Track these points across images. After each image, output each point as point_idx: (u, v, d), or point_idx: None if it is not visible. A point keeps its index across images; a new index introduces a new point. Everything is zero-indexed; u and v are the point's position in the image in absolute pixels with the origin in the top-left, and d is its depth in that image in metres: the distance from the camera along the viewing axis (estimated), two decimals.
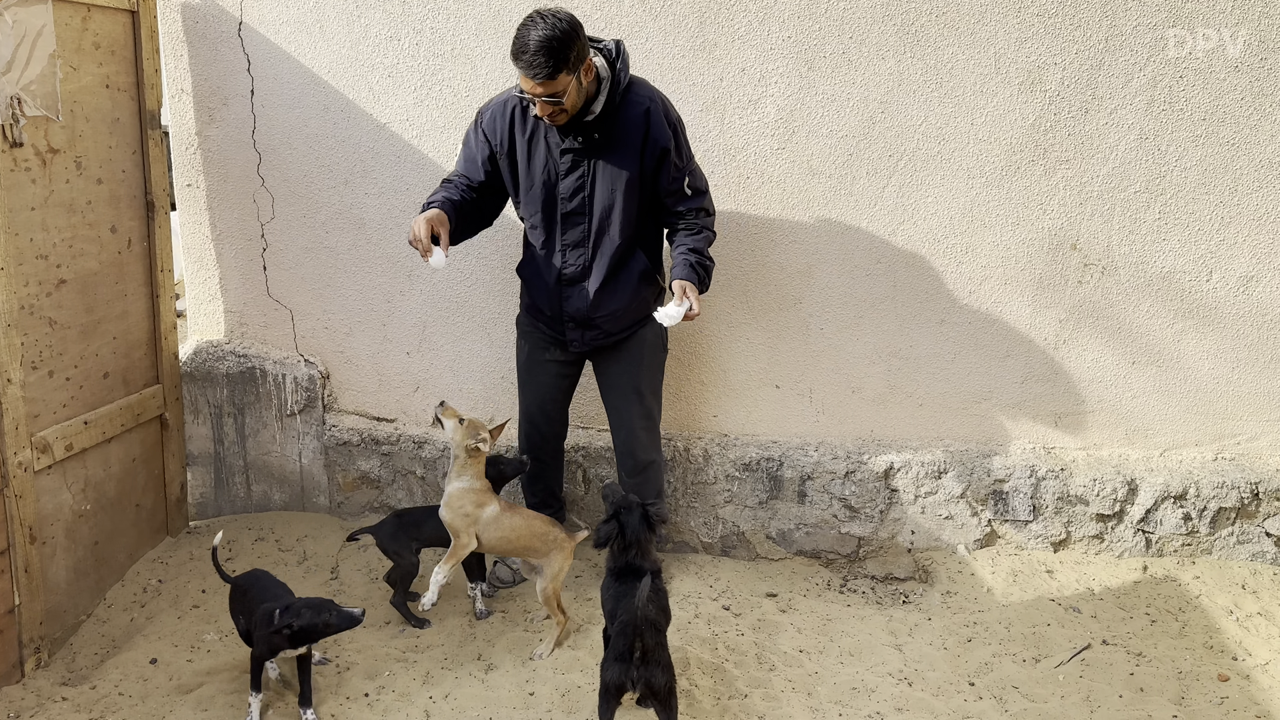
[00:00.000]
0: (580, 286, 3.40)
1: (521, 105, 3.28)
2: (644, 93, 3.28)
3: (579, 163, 3.27)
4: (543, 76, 2.98)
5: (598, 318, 3.42)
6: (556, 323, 3.49)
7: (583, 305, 3.40)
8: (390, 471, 4.12)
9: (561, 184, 3.30)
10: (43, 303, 3.20)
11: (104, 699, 3.04)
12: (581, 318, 3.43)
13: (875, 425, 4.04)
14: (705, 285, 3.32)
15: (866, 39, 3.67)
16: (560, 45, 2.96)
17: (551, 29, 2.95)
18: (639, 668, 2.51)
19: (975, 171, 3.76)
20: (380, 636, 3.41)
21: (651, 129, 3.23)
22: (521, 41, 2.97)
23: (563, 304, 3.43)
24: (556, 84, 3.01)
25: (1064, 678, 3.19)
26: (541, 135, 3.28)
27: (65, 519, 3.37)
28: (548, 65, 2.96)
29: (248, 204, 3.99)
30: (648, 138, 3.23)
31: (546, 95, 3.05)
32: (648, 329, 3.52)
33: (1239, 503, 3.81)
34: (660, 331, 3.59)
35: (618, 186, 3.28)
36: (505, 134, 3.31)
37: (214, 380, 4.07)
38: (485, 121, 3.35)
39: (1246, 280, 3.79)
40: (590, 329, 3.45)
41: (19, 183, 3.07)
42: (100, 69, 3.44)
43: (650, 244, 3.50)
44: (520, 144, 3.31)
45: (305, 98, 3.88)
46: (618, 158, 3.26)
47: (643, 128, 3.23)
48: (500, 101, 3.35)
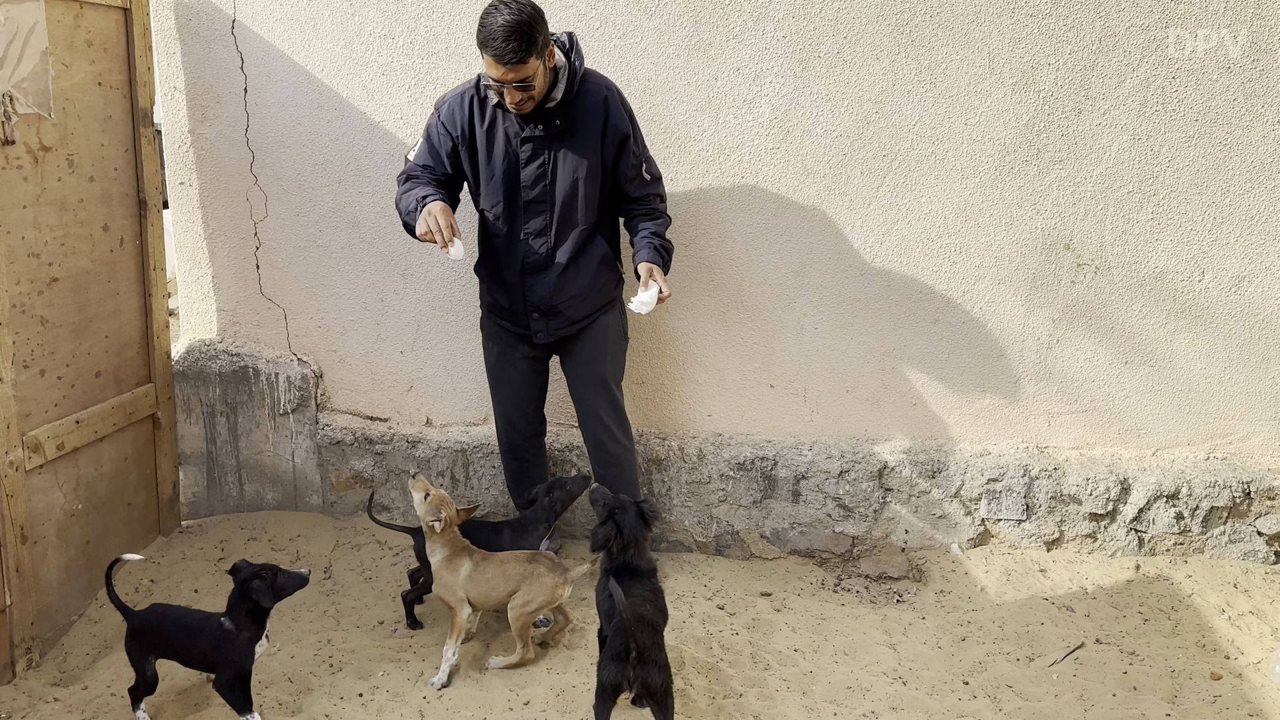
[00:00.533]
0: (543, 274, 3.41)
1: (479, 96, 3.30)
2: (599, 81, 3.34)
3: (540, 151, 3.29)
4: (513, 61, 3.00)
5: (561, 304, 3.42)
6: (519, 315, 3.48)
7: (545, 292, 3.41)
8: (384, 471, 4.10)
9: (523, 172, 3.31)
10: (34, 301, 3.19)
11: (96, 699, 3.02)
12: (545, 306, 3.43)
13: (869, 424, 4.04)
14: (667, 267, 3.40)
15: (861, 39, 3.67)
16: (528, 29, 2.99)
17: (518, 14, 2.98)
18: (635, 667, 2.51)
19: (969, 171, 3.77)
20: (373, 637, 3.40)
21: (611, 115, 3.29)
22: (489, 29, 2.99)
23: (525, 294, 3.43)
24: (526, 69, 3.04)
25: (1058, 676, 3.20)
26: (500, 125, 3.29)
27: (57, 518, 3.35)
28: (519, 50, 2.98)
29: (241, 202, 3.98)
30: (607, 124, 3.29)
31: (516, 81, 3.06)
32: (609, 315, 3.57)
33: (1231, 502, 3.83)
34: (622, 320, 3.65)
35: (579, 173, 3.31)
36: (465, 125, 3.31)
37: (206, 379, 4.06)
38: (445, 114, 3.34)
39: (1238, 280, 3.81)
40: (554, 317, 3.45)
41: (11, 180, 3.05)
42: (93, 66, 3.42)
43: (609, 230, 3.54)
44: (480, 134, 3.32)
45: (299, 96, 3.87)
46: (578, 144, 3.30)
47: (602, 114, 3.28)
48: (457, 94, 3.35)
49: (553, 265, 3.39)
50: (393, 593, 3.69)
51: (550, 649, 3.30)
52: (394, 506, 4.15)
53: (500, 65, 3.02)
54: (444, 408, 4.14)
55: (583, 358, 3.57)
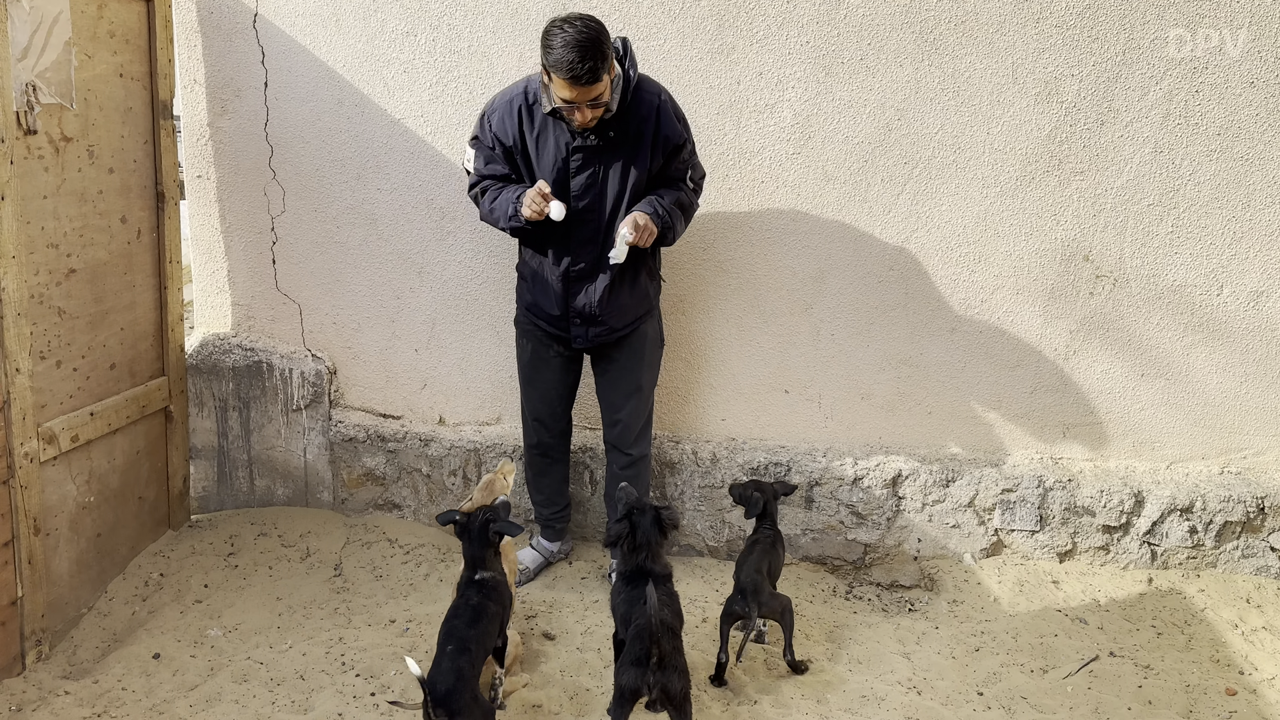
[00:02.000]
0: (588, 283, 3.40)
1: (528, 103, 3.26)
2: (652, 89, 3.31)
3: (591, 161, 3.26)
4: (589, 81, 2.98)
5: (604, 314, 3.42)
6: (560, 320, 3.48)
7: (590, 301, 3.40)
8: (395, 469, 4.09)
9: (573, 181, 3.28)
10: (52, 292, 3.17)
11: (107, 694, 3.00)
12: (589, 314, 3.42)
13: (884, 432, 4.03)
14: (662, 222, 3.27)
15: (885, 45, 3.66)
16: (599, 45, 2.97)
17: (587, 32, 2.95)
18: (655, 672, 2.49)
19: (990, 181, 3.76)
20: (385, 635, 3.39)
21: (662, 124, 3.27)
22: (560, 49, 2.95)
23: (569, 300, 3.42)
24: (599, 86, 3.02)
25: (1072, 689, 3.18)
26: (550, 132, 3.26)
27: (69, 511, 3.33)
28: (593, 70, 2.96)
29: (258, 197, 3.97)
30: (658, 133, 3.27)
31: (589, 100, 3.04)
32: (648, 324, 3.57)
33: (1244, 516, 3.82)
34: (660, 327, 3.66)
35: (628, 183, 3.30)
36: (515, 134, 3.29)
37: (219, 373, 4.04)
38: (495, 124, 3.31)
39: (1257, 295, 3.80)
40: (596, 325, 3.45)
41: (32, 170, 3.03)
42: (114, 58, 3.41)
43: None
44: (530, 142, 3.29)
45: (319, 91, 3.86)
46: (629, 154, 3.28)
47: (653, 123, 3.26)
48: (505, 100, 3.31)
49: (598, 275, 3.39)
50: (404, 591, 3.68)
51: (564, 655, 3.29)
52: (405, 505, 4.13)
53: (576, 87, 2.99)
54: (457, 406, 4.13)
55: (621, 365, 3.57)
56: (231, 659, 3.21)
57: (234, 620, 3.43)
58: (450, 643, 2.63)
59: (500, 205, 3.30)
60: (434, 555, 3.94)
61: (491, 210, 3.34)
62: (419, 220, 3.94)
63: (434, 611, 3.53)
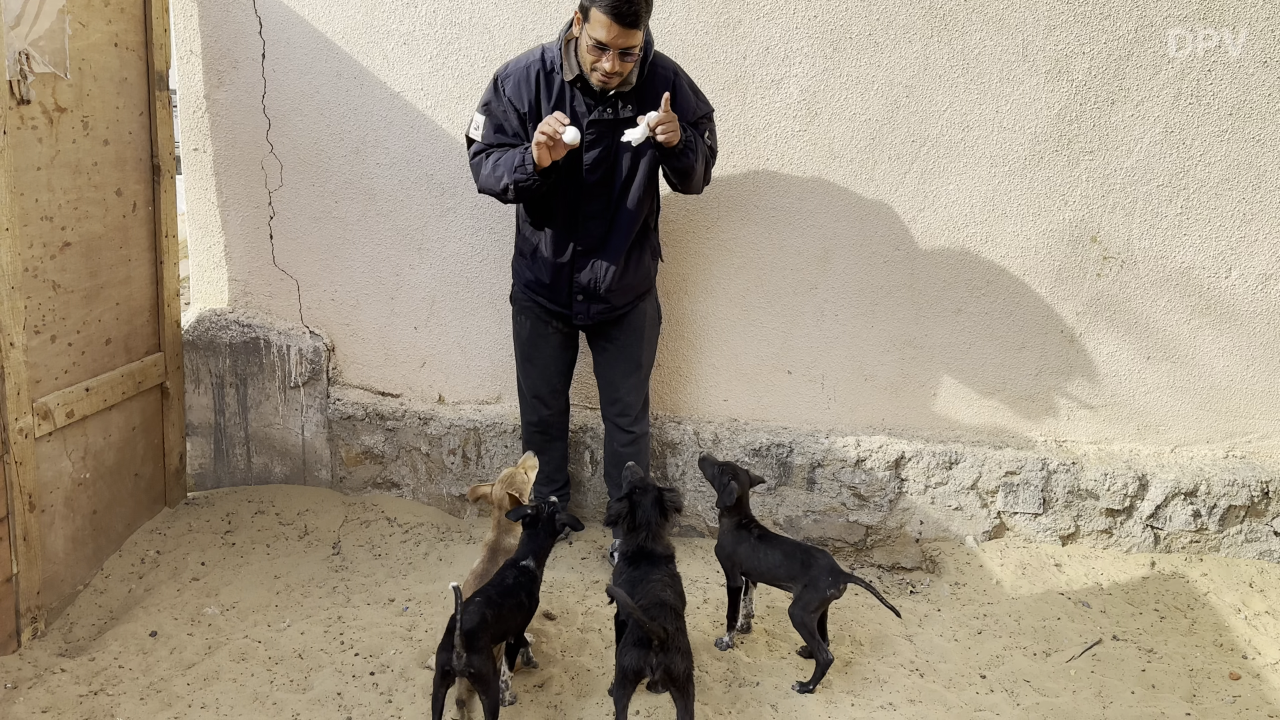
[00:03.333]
0: (595, 258, 3.36)
1: (545, 70, 3.19)
2: (667, 65, 3.27)
3: (605, 135, 3.21)
4: (632, 23, 2.92)
5: (607, 290, 3.39)
6: (561, 295, 3.44)
7: (594, 277, 3.37)
8: (394, 447, 4.05)
9: (586, 155, 3.23)
10: (46, 265, 3.12)
11: (104, 671, 2.97)
12: (592, 290, 3.39)
13: (887, 414, 4.00)
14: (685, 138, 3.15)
15: (894, 21, 3.60)
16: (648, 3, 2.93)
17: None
18: (658, 654, 2.47)
19: (998, 160, 3.71)
20: (384, 614, 3.36)
21: (679, 100, 3.21)
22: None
23: (573, 275, 3.38)
24: (637, 35, 2.97)
25: (1076, 673, 3.17)
26: (567, 104, 3.20)
27: (64, 487, 3.29)
28: (637, 14, 2.91)
29: (255, 170, 3.91)
30: (676, 101, 3.20)
31: (625, 47, 2.98)
32: (648, 302, 3.57)
33: (1249, 501, 3.80)
34: (657, 305, 3.66)
35: (641, 159, 3.25)
36: (531, 100, 3.22)
37: (216, 349, 3.99)
38: (509, 89, 3.23)
39: (1265, 278, 3.77)
40: (598, 302, 3.42)
41: (25, 141, 2.97)
42: (109, 26, 3.34)
43: (655, 218, 3.52)
44: (545, 111, 3.21)
45: (317, 63, 3.79)
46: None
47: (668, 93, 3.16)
48: (521, 66, 3.24)
49: (605, 250, 3.35)
50: (403, 570, 3.65)
51: (565, 642, 3.27)
52: (404, 483, 4.10)
53: (618, 25, 2.91)
54: (457, 385, 4.09)
55: (620, 343, 3.55)
56: (229, 637, 3.18)
57: (231, 598, 3.40)
58: (480, 597, 2.68)
59: (505, 161, 3.17)
60: (433, 534, 3.91)
61: (495, 168, 3.19)
62: (419, 195, 3.89)
63: (433, 590, 3.50)
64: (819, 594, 2.96)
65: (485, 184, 3.28)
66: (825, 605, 3.00)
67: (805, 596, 2.99)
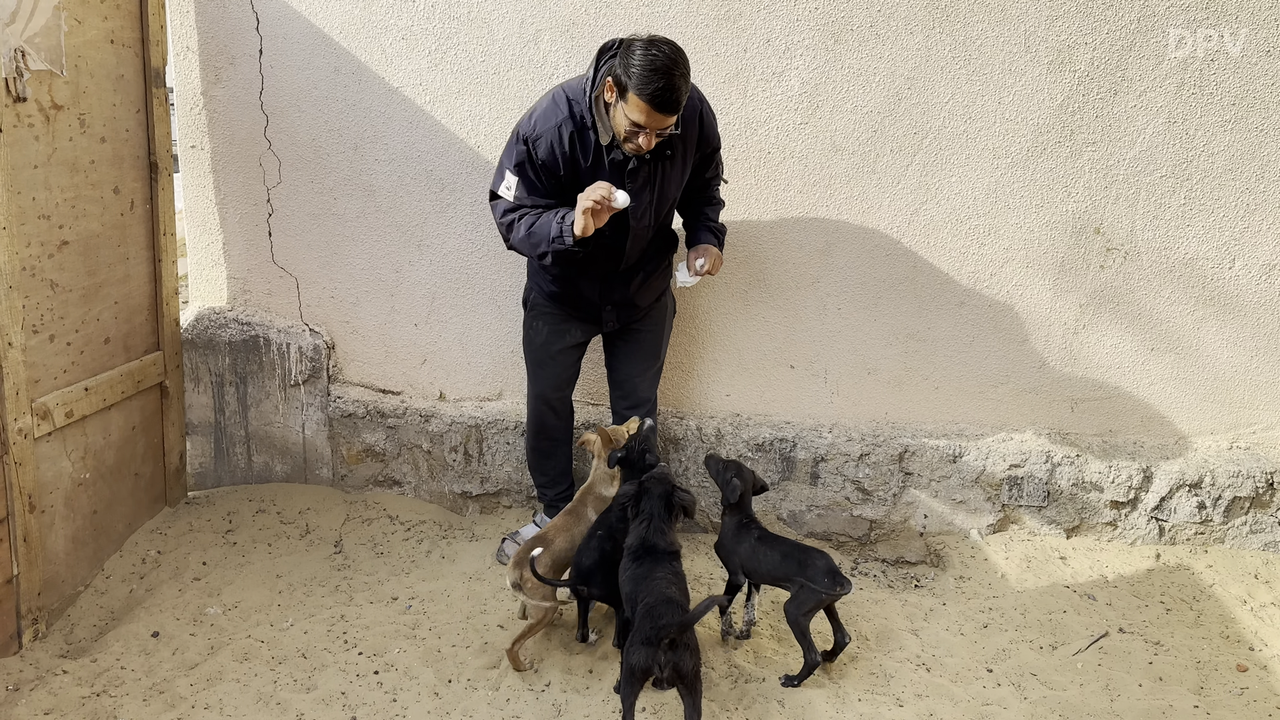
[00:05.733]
0: (627, 275, 3.40)
1: (576, 126, 3.06)
2: (695, 95, 3.16)
3: (648, 178, 3.16)
4: (673, 112, 2.88)
5: (638, 296, 3.45)
6: (591, 308, 3.45)
7: (626, 290, 3.42)
8: (395, 445, 4.03)
9: (637, 202, 3.16)
10: (44, 264, 3.09)
11: (106, 672, 2.95)
12: (624, 300, 3.44)
13: (891, 408, 3.99)
14: (721, 246, 3.43)
15: (895, 12, 3.58)
16: (685, 74, 2.86)
17: (675, 58, 2.83)
18: (667, 651, 2.45)
19: (1000, 151, 3.69)
20: (387, 613, 3.34)
21: (704, 129, 3.22)
22: (656, 77, 2.80)
23: (605, 291, 3.41)
24: (675, 116, 2.93)
25: (1083, 665, 3.16)
26: (603, 156, 3.10)
27: (64, 487, 3.27)
28: (678, 101, 2.86)
29: (253, 167, 3.88)
30: (701, 138, 3.22)
31: (661, 128, 2.93)
32: (666, 295, 3.63)
33: (1253, 492, 3.79)
34: (673, 295, 3.72)
35: (672, 189, 3.27)
36: (566, 162, 3.09)
37: (216, 348, 3.97)
38: (541, 152, 3.08)
39: (1269, 268, 3.75)
40: (627, 309, 3.47)
41: (22, 139, 2.95)
42: (105, 23, 3.31)
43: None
44: (585, 169, 3.12)
45: (315, 59, 3.76)
46: (677, 162, 3.21)
47: (696, 129, 3.20)
48: (551, 127, 3.06)
49: (640, 267, 3.40)
50: (405, 568, 3.63)
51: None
52: (405, 481, 4.08)
53: (658, 114, 2.86)
54: (458, 382, 4.07)
55: (643, 335, 3.58)
56: (232, 637, 3.16)
57: (233, 598, 3.38)
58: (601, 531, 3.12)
59: (540, 230, 3.10)
60: (435, 532, 3.90)
61: (530, 237, 3.12)
62: (418, 192, 3.86)
63: (436, 588, 3.48)
64: (815, 595, 2.95)
65: (521, 248, 3.21)
66: (820, 607, 2.98)
67: (801, 596, 2.98)
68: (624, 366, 3.62)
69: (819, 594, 2.94)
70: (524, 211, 3.16)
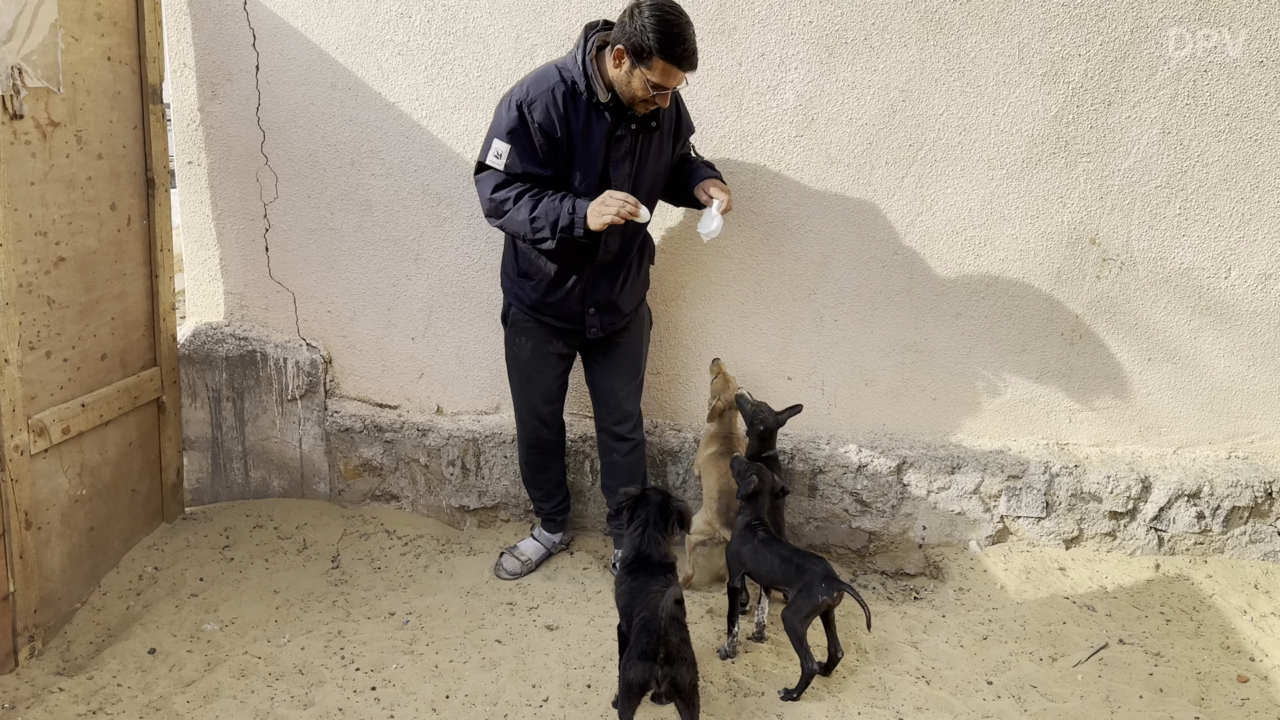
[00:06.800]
0: (611, 271, 3.38)
1: (569, 90, 3.09)
2: None
3: (631, 149, 3.20)
4: (694, 66, 3.01)
5: (620, 299, 3.42)
6: (573, 311, 3.41)
7: (610, 289, 3.38)
8: (393, 459, 4.03)
9: (614, 172, 3.19)
10: (41, 281, 3.10)
11: (102, 690, 2.94)
12: (607, 301, 3.40)
13: (888, 419, 3.98)
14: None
15: (889, 25, 3.60)
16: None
17: (686, 16, 2.98)
18: (664, 666, 2.45)
19: (996, 163, 3.70)
20: (385, 628, 3.33)
21: (681, 111, 3.32)
22: (685, 39, 2.94)
23: (588, 290, 3.37)
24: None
25: (1083, 677, 3.15)
26: (593, 122, 3.13)
27: (61, 504, 3.26)
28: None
29: (250, 183, 3.89)
30: (679, 121, 3.32)
31: (679, 85, 3.05)
32: (644, 306, 3.63)
33: (1252, 501, 3.79)
34: (649, 309, 3.73)
35: (657, 170, 3.30)
36: (562, 124, 3.10)
37: (213, 363, 3.97)
38: (538, 115, 3.08)
39: (1265, 278, 3.76)
40: (610, 312, 3.43)
41: (19, 156, 2.95)
42: (102, 40, 3.32)
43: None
44: (576, 134, 3.13)
45: (312, 75, 3.77)
46: (659, 142, 3.28)
47: (674, 112, 3.29)
48: (544, 90, 3.09)
49: (621, 262, 3.38)
50: (403, 583, 3.62)
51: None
52: (403, 495, 4.07)
53: (681, 72, 2.98)
54: (455, 395, 4.07)
55: (623, 348, 3.56)
56: (229, 653, 3.15)
57: (230, 614, 3.37)
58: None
59: (544, 213, 3.10)
60: (433, 546, 3.89)
61: (532, 218, 3.11)
62: (415, 206, 3.87)
63: (434, 603, 3.48)
64: (811, 600, 2.95)
65: (511, 225, 3.18)
66: (817, 612, 2.98)
67: (798, 602, 2.98)
68: (606, 381, 3.59)
69: (815, 599, 2.93)
70: (519, 189, 3.15)
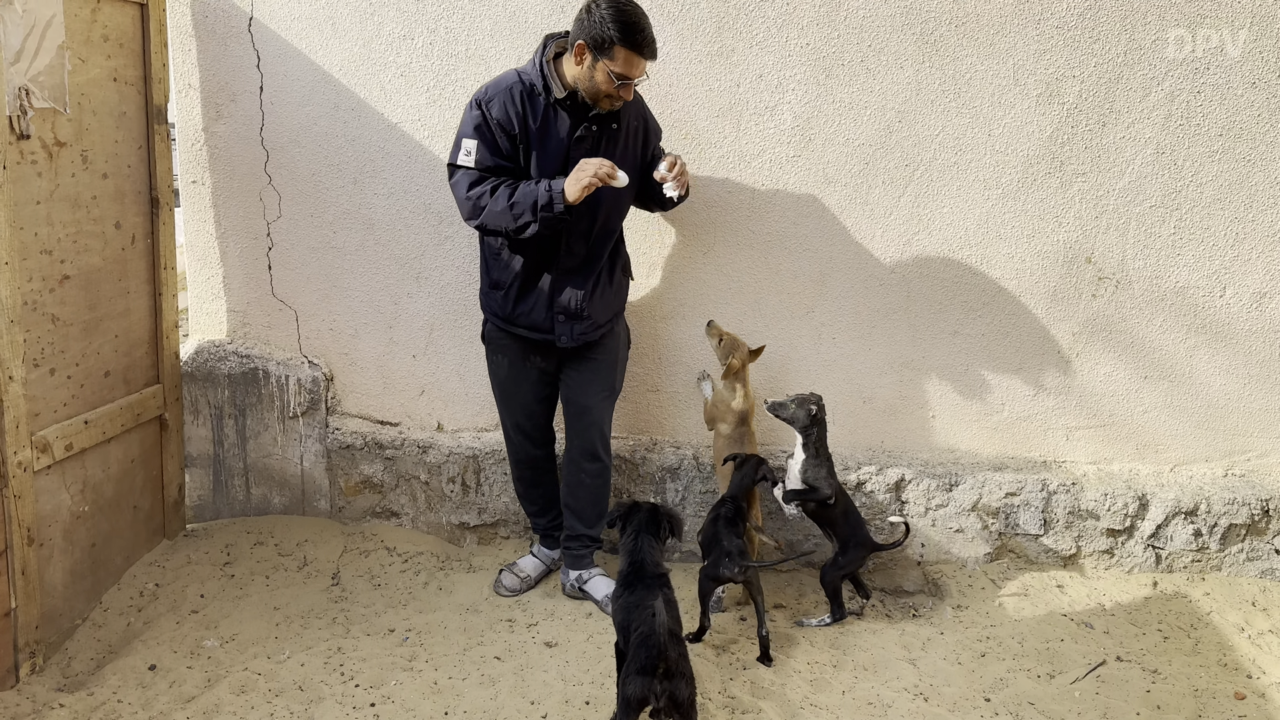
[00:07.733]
0: (577, 276, 3.38)
1: (525, 90, 3.19)
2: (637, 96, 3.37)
3: (594, 149, 3.25)
4: (653, 55, 3.11)
5: (589, 308, 3.39)
6: (541, 320, 3.39)
7: (574, 297, 3.37)
8: (394, 476, 4.05)
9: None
10: (45, 299, 3.13)
11: (103, 706, 2.95)
12: (574, 309, 3.37)
13: (886, 436, 4.00)
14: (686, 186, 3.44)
15: (885, 47, 3.64)
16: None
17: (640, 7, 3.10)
18: (663, 681, 2.46)
19: (991, 183, 3.74)
20: (384, 645, 3.34)
21: (648, 117, 3.39)
22: (643, 27, 3.06)
23: (554, 296, 3.37)
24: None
25: (1080, 694, 3.15)
26: (553, 123, 3.22)
27: (63, 520, 3.28)
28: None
29: (254, 202, 3.93)
30: (647, 125, 3.39)
31: (640, 75, 3.13)
32: (619, 323, 3.62)
33: (1249, 519, 3.80)
34: (627, 327, 3.74)
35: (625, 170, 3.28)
36: (519, 122, 3.20)
37: (215, 381, 4.00)
38: (497, 112, 3.18)
39: (1259, 296, 3.79)
40: (580, 321, 3.40)
41: (25, 176, 2.99)
42: (108, 61, 3.37)
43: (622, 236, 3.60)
44: (534, 132, 3.22)
45: (315, 95, 3.82)
46: (624, 145, 3.32)
47: (641, 116, 3.36)
48: (503, 90, 3.20)
49: (589, 269, 3.37)
50: (403, 600, 3.63)
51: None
52: (403, 512, 4.09)
53: (643, 60, 3.08)
54: (456, 413, 4.09)
55: (596, 363, 3.54)
56: (229, 670, 3.16)
57: (231, 631, 3.38)
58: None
59: (522, 198, 3.14)
60: (433, 563, 3.90)
61: (511, 206, 3.14)
62: (416, 225, 3.91)
63: (433, 620, 3.49)
64: (715, 570, 3.31)
65: (491, 219, 3.20)
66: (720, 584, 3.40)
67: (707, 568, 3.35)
68: (579, 398, 3.55)
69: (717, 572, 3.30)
70: (493, 183, 3.20)
